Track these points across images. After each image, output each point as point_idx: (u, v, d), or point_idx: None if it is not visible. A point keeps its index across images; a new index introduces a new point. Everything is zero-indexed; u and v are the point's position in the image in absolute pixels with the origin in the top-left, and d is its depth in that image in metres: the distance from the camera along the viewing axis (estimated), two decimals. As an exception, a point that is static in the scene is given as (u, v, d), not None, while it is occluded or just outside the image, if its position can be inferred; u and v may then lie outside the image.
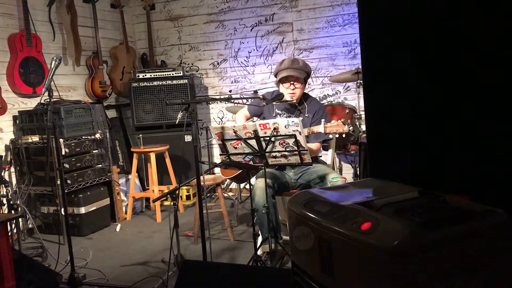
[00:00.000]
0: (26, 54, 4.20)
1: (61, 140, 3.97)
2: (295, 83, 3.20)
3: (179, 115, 2.72)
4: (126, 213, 4.71)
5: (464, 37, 1.73)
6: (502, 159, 1.72)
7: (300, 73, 3.17)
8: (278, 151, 2.78)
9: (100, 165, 4.45)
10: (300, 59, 3.28)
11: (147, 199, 5.05)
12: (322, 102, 4.66)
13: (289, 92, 3.21)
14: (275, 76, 3.31)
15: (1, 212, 3.58)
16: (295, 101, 3.24)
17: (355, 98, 4.37)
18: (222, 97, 5.36)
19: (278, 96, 3.14)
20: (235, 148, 2.86)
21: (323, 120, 3.02)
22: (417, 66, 1.88)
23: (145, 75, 5.09)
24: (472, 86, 1.75)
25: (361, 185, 1.89)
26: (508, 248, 1.40)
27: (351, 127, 2.92)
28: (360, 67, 3.55)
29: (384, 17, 1.96)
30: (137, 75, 5.10)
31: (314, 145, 3.16)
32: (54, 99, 3.90)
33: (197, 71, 5.60)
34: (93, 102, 4.98)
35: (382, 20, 1.97)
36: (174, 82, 5.05)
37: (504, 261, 1.40)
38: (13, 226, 3.69)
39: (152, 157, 4.59)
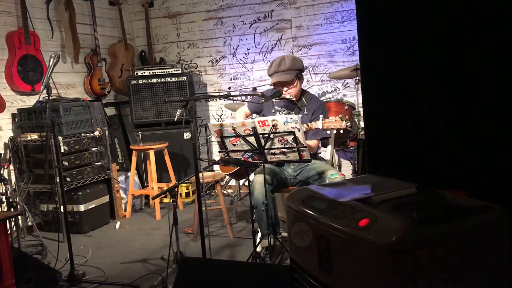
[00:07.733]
0: (24, 51, 4.19)
1: (60, 138, 3.97)
2: (286, 85, 3.19)
3: (178, 113, 2.71)
4: (125, 210, 4.71)
5: (463, 36, 1.73)
6: (501, 155, 1.72)
7: (289, 74, 3.13)
8: (277, 148, 2.78)
9: (99, 163, 4.45)
10: (288, 57, 3.19)
11: (147, 196, 5.05)
12: (321, 98, 4.67)
13: (284, 93, 3.20)
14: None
15: (0, 210, 3.58)
16: (294, 98, 3.24)
17: (354, 95, 4.36)
18: (221, 94, 5.35)
19: (277, 93, 3.13)
20: (234, 145, 2.86)
21: (321, 116, 3.01)
22: (416, 62, 1.88)
23: (144, 73, 5.08)
24: (471, 84, 1.75)
25: (359, 182, 1.89)
26: (506, 243, 1.40)
27: (349, 123, 2.91)
28: (359, 63, 3.55)
29: (382, 13, 1.96)
30: (135, 72, 5.10)
31: (312, 142, 3.15)
32: (53, 97, 3.86)
33: (196, 68, 5.60)
34: (92, 99, 4.98)
35: (381, 16, 1.97)
36: (173, 79, 5.05)
37: (502, 257, 1.41)
38: (13, 224, 3.69)
39: (151, 154, 4.59)
